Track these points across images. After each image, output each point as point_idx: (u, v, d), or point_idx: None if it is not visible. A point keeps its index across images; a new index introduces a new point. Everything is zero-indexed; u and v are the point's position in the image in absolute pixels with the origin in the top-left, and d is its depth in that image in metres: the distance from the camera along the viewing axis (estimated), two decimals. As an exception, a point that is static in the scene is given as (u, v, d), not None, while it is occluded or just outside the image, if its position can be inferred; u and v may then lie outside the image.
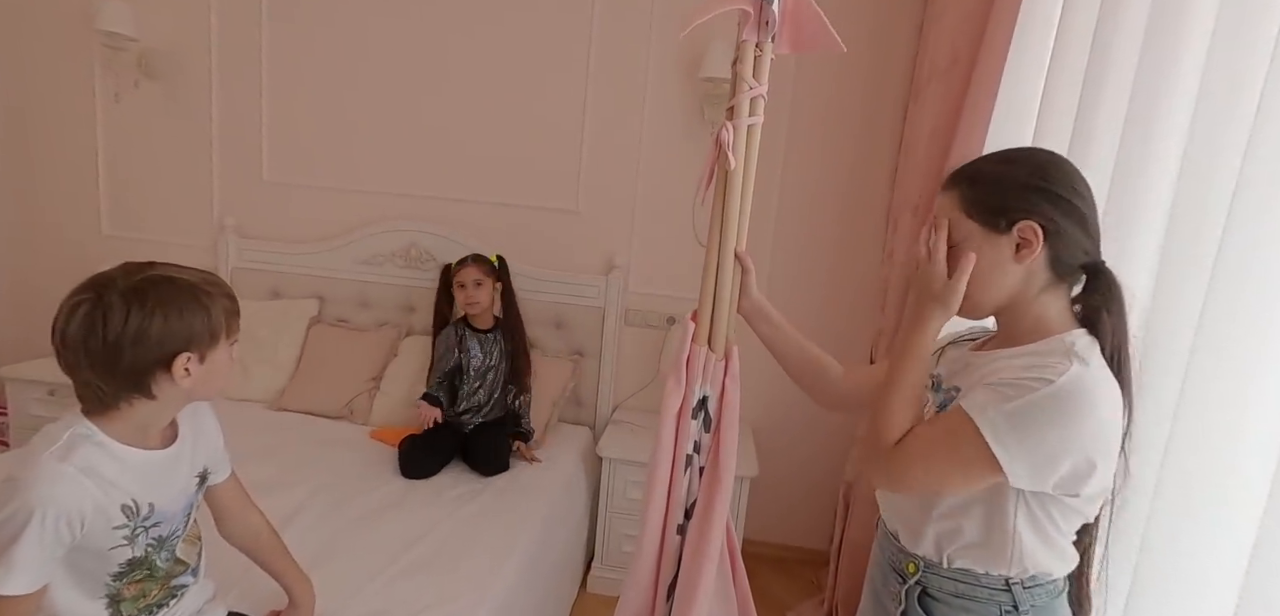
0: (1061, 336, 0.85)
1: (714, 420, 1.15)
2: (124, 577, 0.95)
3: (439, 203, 2.60)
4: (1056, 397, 0.78)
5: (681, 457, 1.15)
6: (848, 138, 2.39)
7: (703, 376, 1.13)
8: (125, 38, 2.49)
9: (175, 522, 1.01)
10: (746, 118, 1.08)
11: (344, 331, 2.57)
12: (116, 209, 2.78)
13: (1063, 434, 0.79)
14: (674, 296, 2.53)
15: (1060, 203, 0.85)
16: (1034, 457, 0.80)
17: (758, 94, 1.08)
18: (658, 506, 1.15)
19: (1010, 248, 0.86)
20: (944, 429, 0.85)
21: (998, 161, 0.91)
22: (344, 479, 1.91)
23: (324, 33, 2.56)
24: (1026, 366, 0.82)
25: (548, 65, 2.47)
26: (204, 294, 0.93)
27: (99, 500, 0.89)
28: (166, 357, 0.89)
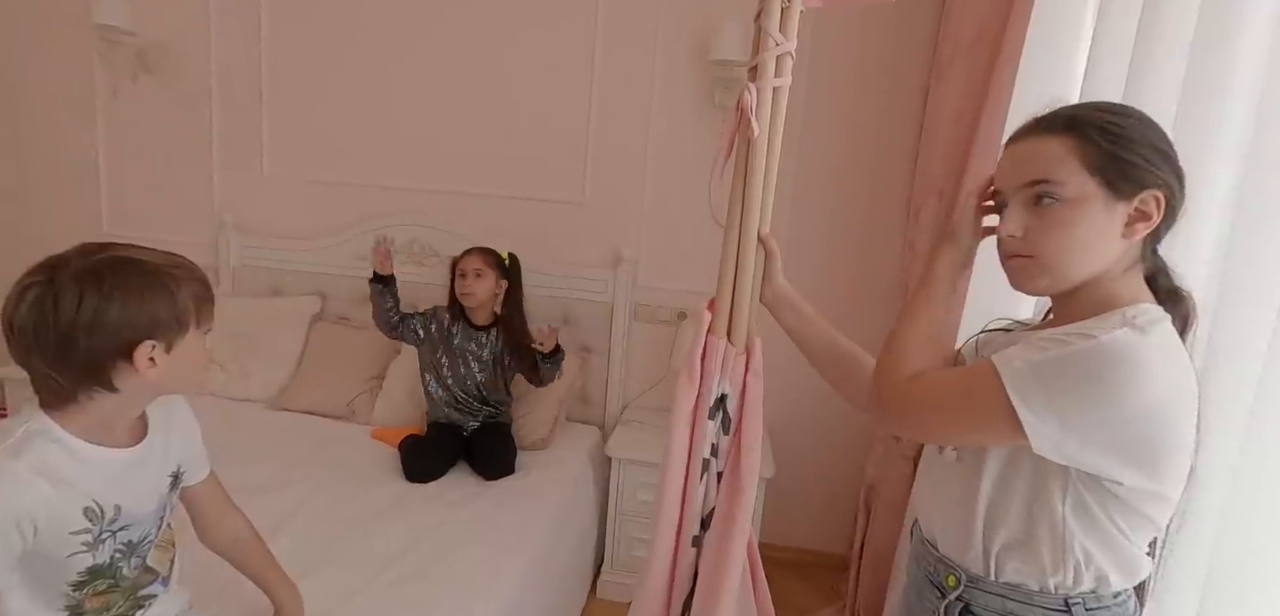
0: (1123, 309, 0.73)
1: (734, 421, 1.04)
2: (85, 586, 0.87)
3: (442, 196, 2.52)
4: (1095, 355, 0.67)
5: (697, 462, 1.05)
6: (866, 121, 2.29)
7: (721, 372, 1.02)
8: (123, 32, 2.44)
9: (147, 526, 0.93)
10: (772, 78, 0.96)
11: (346, 329, 2.50)
12: (117, 207, 2.73)
13: (1097, 398, 0.67)
14: (685, 290, 2.44)
15: (1178, 171, 0.74)
16: (1061, 420, 0.68)
17: (785, 51, 0.96)
18: (670, 515, 1.06)
19: (1123, 217, 0.74)
20: (964, 377, 0.79)
21: (1110, 110, 0.76)
22: (343, 480, 1.83)
23: (324, 24, 2.49)
24: (1072, 329, 0.73)
25: (552, 53, 2.39)
26: (169, 277, 0.84)
27: (53, 502, 0.81)
28: (126, 346, 0.81)
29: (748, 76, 1.00)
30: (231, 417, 2.16)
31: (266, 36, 2.53)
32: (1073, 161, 0.74)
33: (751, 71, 0.99)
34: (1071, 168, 0.74)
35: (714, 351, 1.03)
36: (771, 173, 1.01)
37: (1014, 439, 0.71)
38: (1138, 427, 0.68)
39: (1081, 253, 0.75)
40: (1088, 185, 0.73)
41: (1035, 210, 0.76)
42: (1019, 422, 0.70)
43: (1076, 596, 0.77)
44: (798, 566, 2.48)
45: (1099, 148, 0.73)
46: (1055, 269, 0.76)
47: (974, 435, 0.78)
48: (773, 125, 0.98)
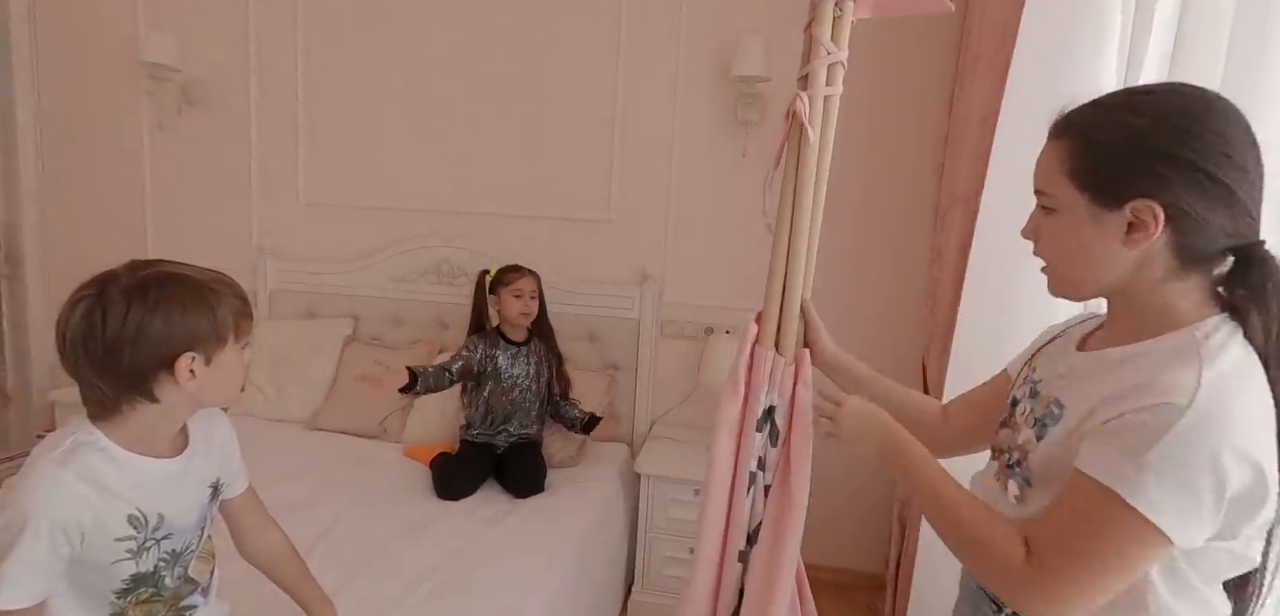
0: (1188, 330, 0.67)
1: (783, 432, 1.02)
2: (129, 594, 0.89)
3: (470, 218, 2.57)
4: (1194, 424, 0.61)
5: (743, 475, 1.03)
6: (890, 129, 2.27)
7: (769, 383, 1.00)
8: (169, 69, 2.56)
9: (188, 536, 0.95)
10: (823, 87, 0.96)
11: (378, 349, 2.55)
12: (161, 233, 2.85)
13: (1217, 464, 0.61)
14: (711, 306, 2.44)
15: (1196, 175, 0.65)
16: (1200, 508, 0.62)
17: (836, 60, 0.96)
18: (715, 530, 1.04)
19: (1120, 227, 0.68)
20: (1079, 516, 0.67)
21: (1121, 108, 0.70)
22: (375, 498, 1.86)
23: (357, 57, 2.58)
24: (1141, 385, 0.65)
25: (576, 75, 2.44)
26: (210, 292, 0.87)
27: (99, 510, 0.84)
28: (168, 358, 0.84)
29: (798, 85, 1.00)
30: (268, 437, 2.21)
31: (302, 71, 2.63)
32: (1060, 171, 0.72)
33: (802, 81, 0.99)
34: (1058, 178, 0.72)
35: (761, 363, 1.01)
36: (822, 181, 1.00)
37: (1162, 551, 0.65)
38: (1250, 474, 0.62)
39: (1082, 261, 0.72)
40: (1073, 195, 0.71)
41: (1043, 217, 0.76)
42: (1163, 534, 0.63)
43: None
44: (835, 586, 2.43)
45: (1082, 156, 0.70)
46: (1063, 277, 0.76)
47: (1123, 572, 0.66)
48: (823, 134, 0.98)
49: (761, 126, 2.30)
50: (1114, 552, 0.66)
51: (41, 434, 2.83)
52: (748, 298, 2.38)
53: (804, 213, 0.99)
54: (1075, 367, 0.77)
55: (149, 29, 2.62)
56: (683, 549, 2.14)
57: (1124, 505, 0.64)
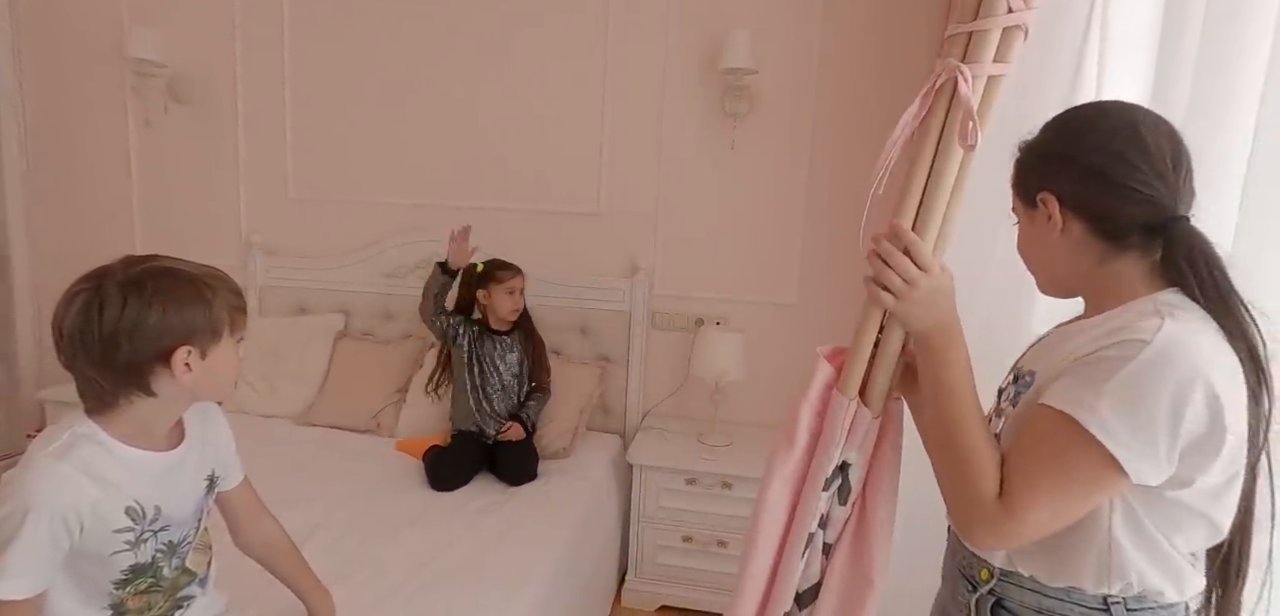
0: (1148, 297, 0.74)
1: (854, 495, 0.88)
2: (127, 585, 0.91)
3: (460, 212, 2.56)
4: (1155, 358, 0.66)
5: (799, 533, 0.88)
6: (886, 117, 2.30)
7: (848, 439, 0.85)
8: (154, 64, 2.55)
9: (185, 527, 0.97)
10: (991, 63, 0.72)
11: (369, 344, 2.55)
12: (149, 231, 2.83)
13: (1175, 399, 0.65)
14: (701, 297, 2.46)
15: (1074, 167, 0.76)
16: (1155, 442, 0.66)
17: (1020, 22, 0.71)
18: (755, 585, 0.90)
19: (1043, 220, 0.80)
20: (1041, 450, 0.71)
21: (1042, 129, 0.84)
22: (369, 491, 1.87)
23: (343, 51, 2.57)
24: (1106, 332, 0.71)
25: (564, 68, 2.44)
26: (206, 287, 0.88)
27: (98, 501, 0.85)
28: (165, 351, 0.85)
29: (944, 47, 0.75)
30: (261, 433, 2.22)
31: (289, 66, 2.62)
32: (1012, 187, 0.84)
33: (959, 42, 0.73)
34: (1012, 193, 0.84)
35: (837, 412, 0.85)
36: (961, 189, 0.78)
37: (1120, 484, 0.68)
38: (1204, 413, 0.66)
39: (1034, 258, 0.84)
40: (1019, 205, 0.84)
41: (1015, 231, 0.86)
42: (1120, 466, 0.66)
43: (1116, 597, 0.74)
44: None
45: (1018, 170, 0.83)
46: (1033, 274, 0.85)
47: (1084, 501, 0.70)
48: (980, 125, 0.74)
49: (750, 118, 2.32)
50: (1065, 475, 0.69)
51: (31, 433, 2.82)
52: (738, 288, 2.40)
53: (931, 230, 0.77)
54: (1051, 339, 0.85)
55: (133, 24, 2.60)
56: (675, 537, 2.17)
57: (1079, 429, 0.67)
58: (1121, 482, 0.68)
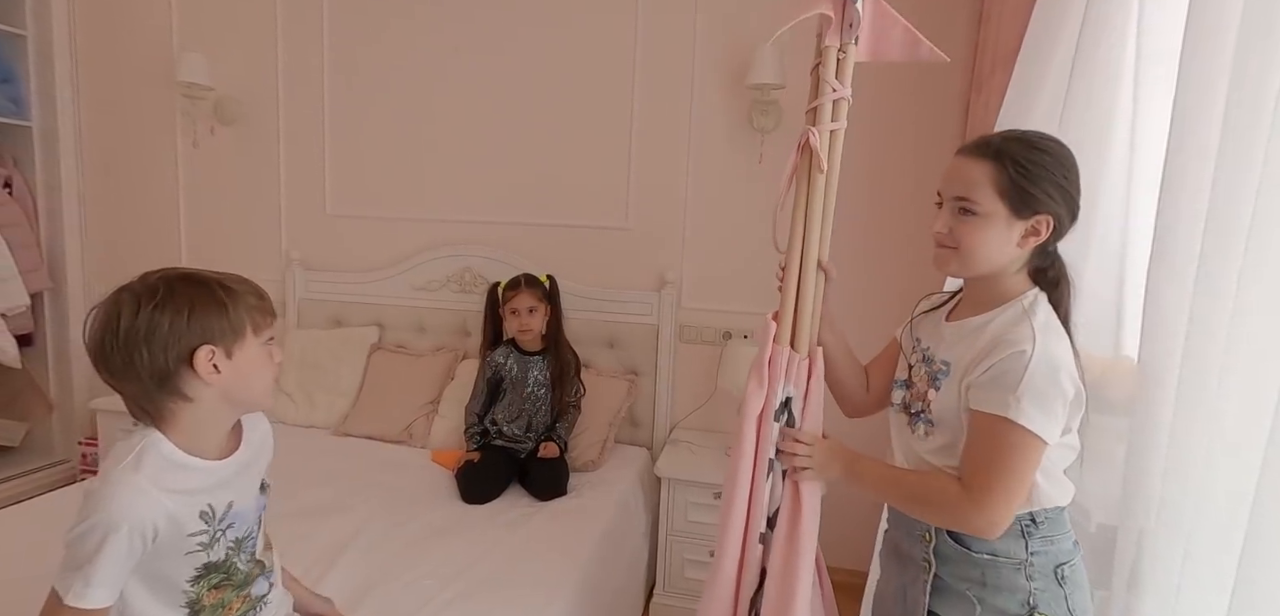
0: (1018, 300, 0.98)
1: (799, 421, 1.13)
2: (202, 581, 0.94)
3: (491, 227, 2.63)
4: (1041, 359, 0.91)
5: (763, 462, 1.12)
6: (905, 133, 2.28)
7: (786, 377, 1.12)
8: (202, 87, 2.66)
9: (248, 523, 1.00)
10: (829, 122, 1.08)
11: (403, 356, 2.61)
12: (195, 247, 2.95)
13: (1057, 381, 0.92)
14: (728, 311, 2.46)
15: (1071, 202, 0.97)
16: (1055, 414, 0.92)
17: (841, 97, 1.09)
18: (739, 513, 1.13)
19: (1021, 230, 0.96)
20: (988, 444, 0.94)
21: (1032, 147, 0.97)
22: (402, 501, 1.91)
23: (378, 75, 2.65)
24: (996, 342, 0.95)
25: (593, 85, 2.48)
26: (221, 288, 0.89)
27: (171, 509, 0.88)
28: (186, 353, 0.86)
29: (807, 118, 1.11)
30: (298, 444, 2.28)
31: (328, 89, 2.71)
32: (989, 187, 0.96)
33: (810, 115, 1.10)
34: (987, 192, 0.96)
35: (779, 358, 1.12)
36: (830, 202, 1.12)
37: (1041, 451, 0.93)
38: (1069, 379, 0.93)
39: (986, 253, 0.98)
40: (997, 206, 0.96)
41: (959, 216, 0.99)
42: (1043, 439, 0.91)
43: (1030, 511, 0.99)
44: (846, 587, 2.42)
45: (1011, 179, 0.95)
46: (966, 262, 0.99)
47: (1030, 473, 0.94)
48: (830, 162, 1.10)
49: (777, 133, 2.32)
50: (1014, 459, 0.92)
51: (82, 442, 2.95)
52: (765, 302, 2.37)
53: (815, 229, 1.12)
54: (947, 336, 1.06)
55: (182, 50, 2.72)
56: (703, 551, 2.16)
57: (1012, 424, 0.91)
58: (1043, 450, 0.93)
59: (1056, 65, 1.48)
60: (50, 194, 2.93)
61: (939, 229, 1.02)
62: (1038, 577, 0.97)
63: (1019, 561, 0.98)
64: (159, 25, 2.83)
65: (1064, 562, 0.99)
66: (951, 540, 1.01)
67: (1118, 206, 1.37)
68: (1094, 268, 1.32)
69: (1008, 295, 0.99)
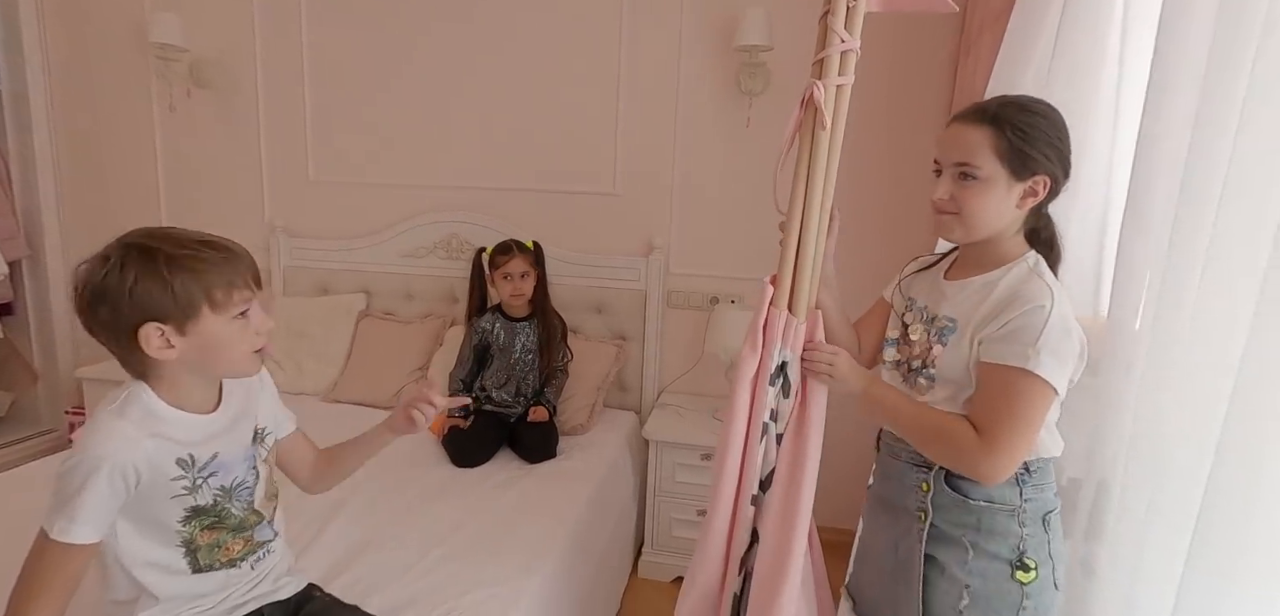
0: (1021, 259, 1.02)
1: (797, 386, 1.13)
2: (192, 522, 0.97)
3: (477, 193, 2.61)
4: (1059, 315, 0.94)
5: (757, 425, 1.12)
6: (894, 96, 2.28)
7: (783, 341, 1.10)
8: (176, 48, 2.59)
9: (237, 470, 1.02)
10: (836, 77, 1.05)
11: (391, 323, 2.61)
12: (175, 214, 2.91)
13: (1070, 336, 0.95)
14: (716, 276, 2.48)
15: (1065, 161, 1.00)
16: (1068, 367, 0.96)
17: (850, 49, 1.04)
18: (731, 475, 1.14)
19: (1020, 192, 0.99)
20: (1006, 394, 0.96)
21: (1027, 111, 0.99)
22: (395, 466, 1.92)
23: (360, 34, 2.60)
24: (1011, 299, 0.97)
25: (580, 49, 2.44)
26: (172, 265, 0.87)
27: (152, 453, 0.91)
28: (130, 327, 0.87)
29: (813, 71, 1.07)
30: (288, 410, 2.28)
31: (307, 50, 2.65)
32: (988, 151, 0.98)
33: (817, 66, 1.06)
34: (987, 155, 0.98)
35: (775, 321, 1.10)
36: (834, 160, 1.08)
37: (1054, 401, 0.96)
38: (1078, 343, 0.96)
39: (988, 216, 1.00)
40: (997, 169, 0.98)
41: (960, 182, 1.01)
42: (1056, 389, 0.95)
43: (1020, 466, 1.01)
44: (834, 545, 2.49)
45: (1009, 142, 0.97)
46: (969, 226, 1.01)
47: (1041, 420, 0.97)
48: (836, 118, 1.06)
49: (765, 95, 2.31)
50: (1030, 408, 0.95)
51: (69, 410, 2.93)
52: (752, 267, 2.41)
53: (816, 190, 1.07)
54: (949, 293, 1.08)
55: (155, 10, 2.64)
56: (690, 511, 2.21)
57: (1032, 375, 0.93)
58: (1054, 397, 0.96)
59: (1046, 30, 1.48)
60: (23, 161, 2.86)
61: (940, 195, 1.03)
62: (1029, 523, 1.01)
63: (1013, 508, 1.01)
64: (129, -16, 2.74)
65: (1050, 510, 1.04)
66: (949, 489, 1.04)
67: (1101, 171, 1.39)
68: (1076, 232, 1.34)
69: (1009, 255, 1.02)
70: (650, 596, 2.19)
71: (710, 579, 1.19)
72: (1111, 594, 1.10)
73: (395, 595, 1.34)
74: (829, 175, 1.08)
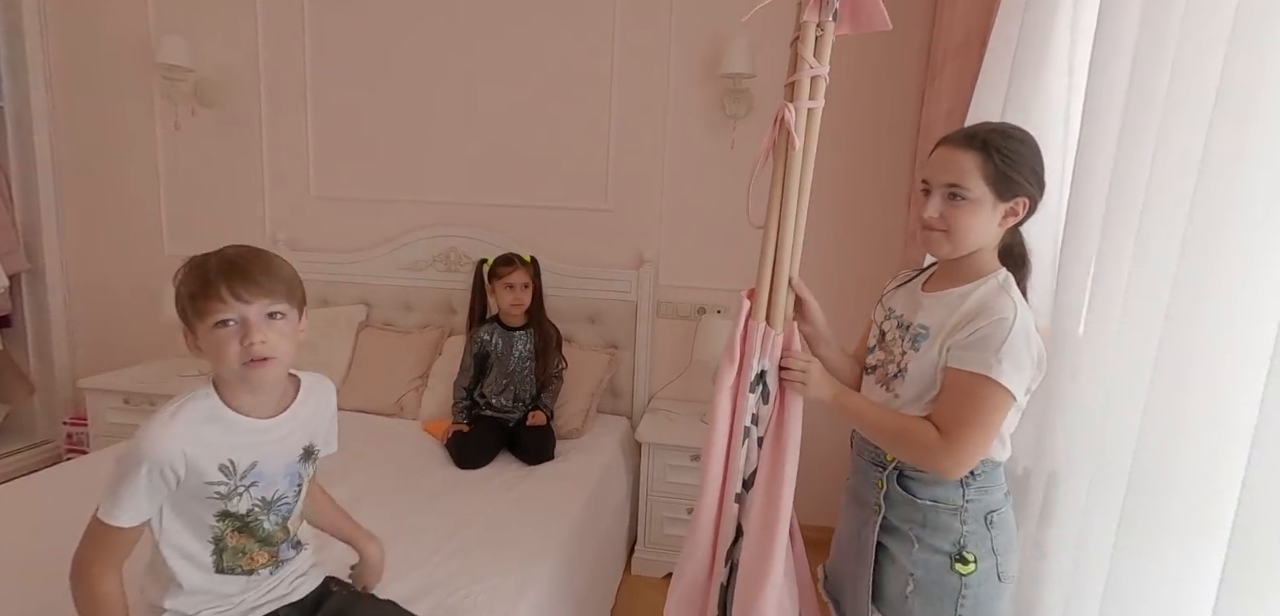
0: (993, 275, 1.10)
1: (775, 392, 1.20)
2: (225, 521, 1.06)
3: (475, 208, 2.72)
4: (1021, 327, 1.02)
5: (739, 429, 1.20)
6: (864, 121, 2.44)
7: (761, 351, 1.18)
8: (182, 69, 2.68)
9: (278, 485, 1.10)
10: (806, 100, 1.11)
11: (391, 334, 2.70)
12: (177, 230, 2.98)
13: (1030, 347, 1.03)
14: (703, 288, 2.62)
15: (1042, 184, 1.09)
16: (1025, 375, 1.03)
17: (818, 75, 1.11)
18: (715, 474, 1.21)
19: (1002, 212, 1.07)
20: (968, 398, 1.04)
21: (1011, 137, 1.07)
22: (400, 468, 2.03)
23: (360, 54, 2.71)
24: (979, 310, 1.06)
25: (574, 71, 2.58)
26: (185, 274, 1.01)
27: (191, 455, 0.99)
28: (184, 327, 1.02)
29: (784, 94, 1.14)
30: (293, 418, 2.36)
31: (309, 71, 2.75)
32: (977, 174, 1.07)
33: (788, 90, 1.13)
34: (976, 179, 1.07)
35: (753, 333, 1.18)
36: (806, 179, 1.16)
37: (1012, 407, 1.04)
38: (1037, 352, 1.04)
39: (974, 234, 1.09)
40: (985, 192, 1.06)
41: (949, 202, 1.08)
42: (1014, 395, 1.02)
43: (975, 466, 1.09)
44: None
45: (996, 167, 1.06)
46: (956, 242, 1.09)
47: (1000, 423, 1.06)
48: (808, 139, 1.14)
49: (748, 119, 2.47)
50: (990, 413, 1.03)
51: (68, 421, 2.97)
52: (737, 279, 2.55)
53: (790, 206, 1.15)
54: (925, 304, 1.16)
55: (161, 32, 2.73)
56: (680, 509, 2.34)
57: (992, 382, 1.01)
58: (1012, 402, 1.04)
59: (1013, 56, 1.61)
60: (25, 175, 2.92)
61: (931, 214, 1.09)
62: (970, 521, 1.10)
63: (955, 507, 1.10)
64: (134, 6, 2.82)
65: (994, 510, 1.11)
66: (900, 488, 1.14)
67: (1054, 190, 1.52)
68: (1033, 245, 1.47)
69: (983, 270, 1.10)
70: (643, 591, 2.30)
71: (698, 570, 1.26)
72: (1058, 571, 1.23)
73: (416, 582, 1.44)
74: (801, 193, 1.15)
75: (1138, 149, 1.08)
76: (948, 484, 1.09)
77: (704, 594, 1.28)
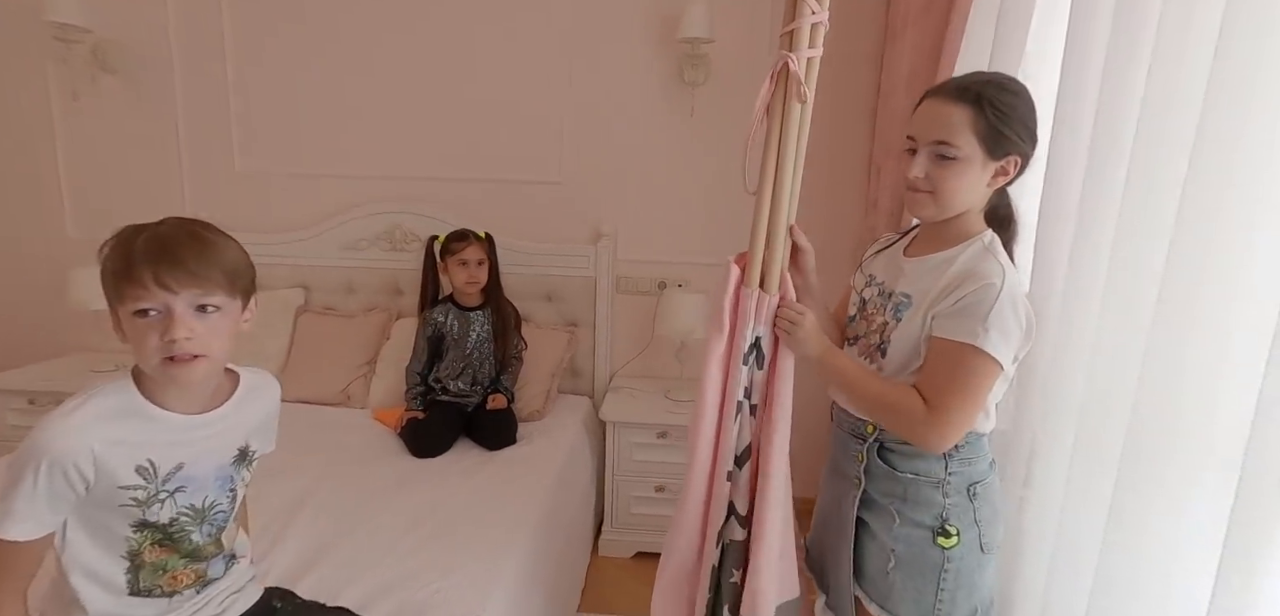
0: (978, 237, 1.04)
1: (769, 358, 1.14)
2: (142, 532, 0.92)
3: (421, 183, 2.56)
4: (1008, 293, 0.97)
5: (731, 403, 1.14)
6: (822, 85, 2.40)
7: (755, 317, 1.11)
8: (78, 29, 2.39)
9: (207, 490, 0.97)
10: (807, 49, 1.03)
11: (332, 318, 2.53)
12: (82, 210, 2.68)
13: (1018, 314, 0.98)
14: (663, 261, 2.55)
15: (1034, 140, 1.02)
16: (1013, 343, 0.98)
17: (819, 21, 1.02)
18: (705, 451, 1.15)
19: (992, 171, 1.01)
20: (954, 368, 0.99)
21: (1005, 89, 1.00)
22: (352, 459, 1.90)
23: (288, 10, 2.48)
24: (965, 276, 1.00)
25: (525, 37, 2.44)
26: (114, 251, 0.88)
27: (99, 454, 0.86)
28: (110, 307, 0.89)
29: (782, 43, 1.05)
30: (226, 413, 2.18)
31: (229, 30, 2.51)
32: (967, 131, 0.99)
33: (785, 39, 1.04)
34: (966, 135, 0.99)
35: (746, 300, 1.11)
36: (804, 136, 1.09)
37: (999, 377, 1.00)
38: (1026, 319, 0.99)
39: (962, 196, 1.02)
40: (975, 149, 1.00)
41: (936, 160, 1.01)
42: (1000, 364, 0.97)
43: None
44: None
45: (987, 122, 0.99)
46: (943, 204, 1.03)
47: (987, 393, 1.01)
48: (807, 90, 1.05)
49: (707, 86, 2.39)
50: (977, 383, 0.98)
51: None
52: (700, 251, 2.50)
53: (788, 164, 1.08)
54: (907, 270, 1.11)
55: (50, -14, 2.42)
56: (648, 488, 2.29)
57: (978, 351, 0.96)
58: (1000, 376, 1.00)
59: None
60: (-107, 153, 2.57)
61: (917, 174, 1.02)
62: (952, 494, 1.06)
63: (937, 480, 1.06)
64: (18, -44, 2.50)
65: (978, 481, 1.07)
66: (880, 461, 1.10)
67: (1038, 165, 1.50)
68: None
69: (968, 233, 1.04)
70: (612, 573, 2.25)
71: (687, 552, 1.21)
72: (1042, 528, 1.22)
73: (372, 582, 1.34)
74: (799, 148, 1.08)
75: (1120, 111, 1.04)
76: (929, 456, 1.06)
77: (693, 576, 1.23)
